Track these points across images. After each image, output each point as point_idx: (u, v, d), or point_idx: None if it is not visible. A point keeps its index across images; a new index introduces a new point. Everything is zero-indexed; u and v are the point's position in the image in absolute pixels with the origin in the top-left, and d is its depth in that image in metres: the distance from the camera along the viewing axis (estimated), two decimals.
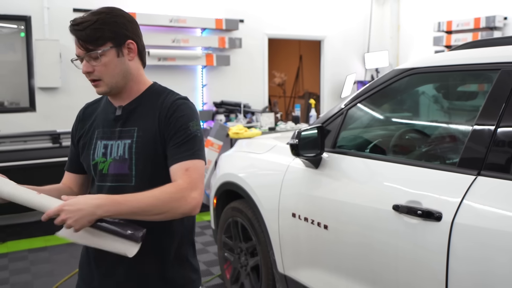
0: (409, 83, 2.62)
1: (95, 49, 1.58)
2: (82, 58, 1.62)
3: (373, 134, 2.91)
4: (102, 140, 1.70)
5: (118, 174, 1.65)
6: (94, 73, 1.61)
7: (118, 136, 1.67)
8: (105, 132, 1.70)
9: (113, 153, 1.67)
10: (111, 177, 1.66)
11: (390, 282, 2.16)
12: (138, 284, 1.69)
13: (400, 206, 2.07)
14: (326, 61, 8.27)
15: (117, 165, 1.66)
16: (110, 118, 1.71)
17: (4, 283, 4.02)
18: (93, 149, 1.70)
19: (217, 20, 6.92)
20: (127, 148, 1.65)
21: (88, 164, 1.71)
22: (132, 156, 1.64)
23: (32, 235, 5.25)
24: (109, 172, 1.66)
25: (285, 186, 2.80)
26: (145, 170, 1.64)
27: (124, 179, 1.65)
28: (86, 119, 1.79)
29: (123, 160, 1.65)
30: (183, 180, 1.56)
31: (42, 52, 5.84)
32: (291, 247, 2.79)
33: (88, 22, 1.58)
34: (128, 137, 1.66)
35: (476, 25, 6.96)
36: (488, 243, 1.77)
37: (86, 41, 1.57)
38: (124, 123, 1.68)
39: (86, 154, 1.72)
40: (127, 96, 1.70)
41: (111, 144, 1.68)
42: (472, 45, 2.42)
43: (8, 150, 5.05)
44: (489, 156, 1.89)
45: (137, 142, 1.65)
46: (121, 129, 1.68)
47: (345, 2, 8.25)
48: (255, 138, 3.86)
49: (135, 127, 1.67)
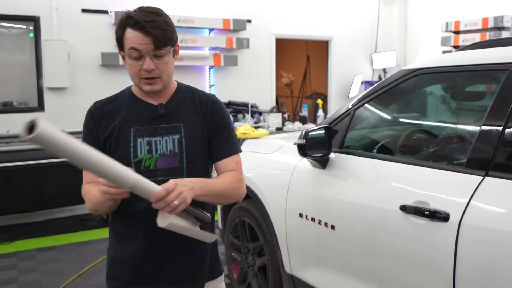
0: (417, 83, 2.62)
1: (163, 48, 1.66)
2: (142, 55, 1.66)
3: (381, 135, 2.91)
4: (144, 138, 1.75)
5: (169, 168, 1.75)
6: (155, 71, 1.68)
7: (164, 133, 1.76)
8: (146, 129, 1.75)
9: (160, 149, 1.74)
10: (162, 172, 1.74)
11: (397, 282, 2.16)
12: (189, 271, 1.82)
13: (407, 207, 2.06)
14: (333, 61, 8.27)
15: (168, 159, 1.75)
16: (151, 115, 1.77)
17: (13, 282, 4.05)
18: (133, 147, 1.74)
19: (224, 20, 6.93)
20: (177, 142, 1.76)
21: (126, 162, 1.70)
22: (182, 150, 1.76)
23: (40, 234, 5.28)
24: (157, 167, 1.74)
25: (292, 186, 2.80)
26: (194, 162, 1.77)
27: (176, 173, 1.74)
28: (107, 118, 1.78)
29: (174, 154, 1.75)
30: (238, 171, 1.81)
31: (51, 52, 5.87)
32: (298, 247, 2.79)
33: (156, 22, 1.64)
34: (175, 132, 1.76)
35: (484, 25, 6.93)
36: (496, 244, 1.76)
37: (159, 40, 1.64)
38: (169, 120, 1.77)
39: (124, 153, 1.74)
40: (164, 94, 1.80)
41: (155, 141, 1.75)
42: (480, 45, 2.41)
43: (16, 150, 5.08)
44: (497, 157, 1.89)
45: (186, 136, 1.77)
46: (166, 126, 1.76)
47: (352, 2, 8.24)
48: (263, 138, 3.87)
49: (180, 123, 1.78)
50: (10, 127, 5.53)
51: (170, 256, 1.78)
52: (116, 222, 1.82)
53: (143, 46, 1.64)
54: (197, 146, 1.79)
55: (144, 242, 1.76)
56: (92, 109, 1.82)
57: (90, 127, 1.80)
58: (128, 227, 1.78)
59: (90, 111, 1.82)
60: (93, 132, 1.79)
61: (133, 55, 1.66)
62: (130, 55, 1.67)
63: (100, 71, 6.20)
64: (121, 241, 1.81)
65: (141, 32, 1.63)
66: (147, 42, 1.63)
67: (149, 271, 1.78)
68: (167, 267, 1.78)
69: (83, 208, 6.00)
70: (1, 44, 5.93)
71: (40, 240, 5.11)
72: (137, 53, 1.65)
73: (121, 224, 1.80)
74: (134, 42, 1.64)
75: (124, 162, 1.70)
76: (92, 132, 1.79)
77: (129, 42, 1.65)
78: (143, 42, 1.63)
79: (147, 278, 1.79)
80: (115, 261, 1.82)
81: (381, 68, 8.36)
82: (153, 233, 1.72)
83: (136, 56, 1.66)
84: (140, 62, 1.67)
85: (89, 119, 1.81)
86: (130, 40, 1.65)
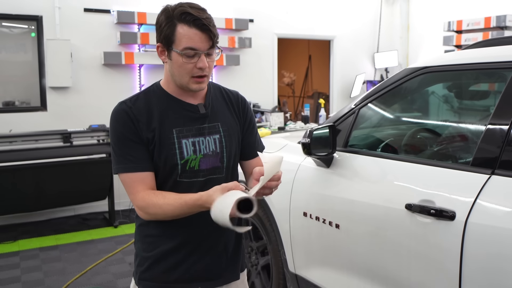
0: (421, 82, 2.61)
1: (215, 46, 1.67)
2: (197, 53, 1.63)
3: (385, 133, 2.90)
4: (188, 138, 1.73)
5: (211, 168, 1.77)
6: (206, 69, 1.67)
7: (207, 132, 1.76)
8: (189, 130, 1.74)
9: (203, 149, 1.75)
10: (204, 172, 1.75)
11: (402, 281, 2.15)
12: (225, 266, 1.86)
13: (412, 205, 2.06)
14: (335, 61, 8.25)
15: (210, 159, 1.76)
16: (193, 116, 1.76)
17: (16, 281, 4.05)
18: (178, 148, 1.71)
19: (226, 19, 6.92)
20: (218, 142, 1.77)
21: (172, 163, 1.70)
22: (223, 149, 1.78)
23: (43, 233, 5.29)
24: (200, 168, 1.74)
25: (296, 185, 2.79)
26: (230, 160, 1.81)
27: (216, 172, 1.78)
28: (141, 119, 1.69)
29: (216, 154, 1.77)
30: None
31: (53, 52, 5.87)
32: (302, 246, 2.78)
33: (210, 18, 1.65)
34: (215, 132, 1.78)
35: (487, 24, 6.91)
36: (502, 243, 1.76)
37: (216, 37, 1.65)
38: (209, 120, 1.78)
39: (170, 154, 1.70)
40: (199, 92, 1.79)
41: (198, 141, 1.75)
42: (485, 44, 2.41)
43: (19, 149, 5.09)
44: (503, 155, 1.88)
45: (225, 136, 1.79)
46: (208, 125, 1.77)
47: (354, 2, 8.22)
48: (265, 138, 3.87)
49: (218, 122, 1.79)
50: (12, 127, 5.53)
51: (208, 253, 1.80)
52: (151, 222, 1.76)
53: (200, 45, 1.61)
54: (234, 145, 1.82)
55: (184, 240, 1.76)
56: (127, 109, 1.70)
57: (130, 128, 1.68)
58: (167, 227, 1.75)
59: (125, 111, 1.70)
60: (135, 132, 1.69)
61: (188, 54, 1.63)
62: (186, 53, 1.63)
63: (102, 71, 6.19)
64: (159, 241, 1.78)
65: (199, 29, 1.60)
66: (204, 40, 1.62)
67: (187, 268, 1.78)
68: (205, 263, 1.80)
69: (85, 208, 6.02)
70: (3, 44, 5.93)
71: (43, 239, 5.11)
72: (193, 51, 1.62)
73: (159, 224, 1.75)
74: (192, 41, 1.61)
75: (170, 163, 1.70)
76: (133, 132, 1.69)
77: (186, 40, 1.61)
78: (201, 40, 1.61)
79: (186, 276, 1.78)
80: (152, 261, 1.79)
81: (383, 67, 8.35)
82: (192, 231, 1.73)
83: (191, 55, 1.63)
84: (193, 60, 1.64)
85: (126, 120, 1.69)
86: (187, 38, 1.61)
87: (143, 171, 1.69)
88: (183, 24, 1.61)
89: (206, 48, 1.63)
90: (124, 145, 1.69)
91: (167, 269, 1.78)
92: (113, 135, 1.71)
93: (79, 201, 5.73)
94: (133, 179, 1.69)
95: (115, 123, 1.71)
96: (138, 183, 1.68)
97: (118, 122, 1.70)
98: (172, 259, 1.77)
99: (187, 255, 1.78)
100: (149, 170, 1.70)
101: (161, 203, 1.64)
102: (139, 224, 1.83)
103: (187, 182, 1.74)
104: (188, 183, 1.73)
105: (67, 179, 5.27)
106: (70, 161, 5.26)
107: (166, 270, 1.78)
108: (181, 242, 1.77)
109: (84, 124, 5.78)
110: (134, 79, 6.42)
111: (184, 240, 1.77)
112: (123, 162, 1.69)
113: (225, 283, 1.87)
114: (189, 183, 1.74)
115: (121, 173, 1.71)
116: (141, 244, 1.83)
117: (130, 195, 1.70)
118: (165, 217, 1.68)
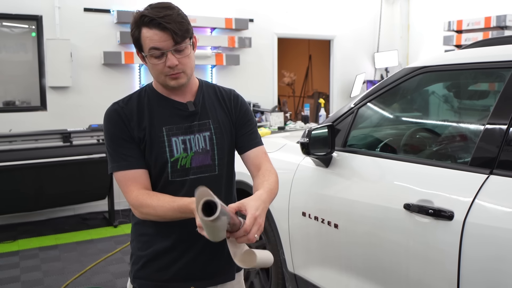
0: (420, 82, 2.61)
1: (182, 42, 1.64)
2: (164, 52, 1.63)
3: (384, 133, 2.90)
4: (178, 136, 1.73)
5: (201, 165, 1.76)
6: (178, 66, 1.66)
7: (197, 130, 1.76)
8: (179, 128, 1.74)
9: (194, 147, 1.75)
10: (194, 170, 1.75)
11: (401, 281, 2.15)
12: (220, 266, 1.84)
13: (411, 205, 2.06)
14: (335, 61, 8.25)
15: (200, 157, 1.76)
16: (182, 114, 1.76)
17: (15, 281, 4.06)
18: (168, 146, 1.72)
19: (226, 19, 6.92)
20: (208, 139, 1.77)
21: (162, 161, 1.71)
22: (213, 146, 1.77)
23: (42, 233, 5.29)
24: (192, 166, 1.74)
25: (295, 185, 2.79)
26: (224, 158, 1.80)
27: (208, 170, 1.77)
28: (133, 119, 1.72)
29: (206, 151, 1.77)
30: (270, 164, 1.83)
31: (53, 51, 5.87)
32: (301, 246, 2.78)
33: (170, 15, 1.61)
34: (205, 129, 1.77)
35: (487, 24, 6.91)
36: (501, 243, 1.75)
37: (177, 33, 1.61)
38: (199, 117, 1.77)
39: (160, 153, 1.71)
40: (189, 90, 1.80)
41: (189, 139, 1.75)
42: (484, 44, 2.41)
43: (19, 148, 5.09)
44: (501, 155, 1.88)
45: (216, 133, 1.78)
46: (198, 123, 1.77)
47: (354, 2, 8.22)
48: (265, 137, 3.86)
49: (208, 120, 1.79)
50: (12, 126, 5.54)
51: (203, 253, 1.79)
52: (146, 220, 1.75)
53: (163, 44, 1.61)
54: (226, 142, 1.81)
55: (178, 239, 1.76)
56: (118, 110, 1.73)
57: (121, 128, 1.71)
58: (162, 226, 1.74)
59: (116, 111, 1.72)
60: (126, 132, 1.71)
61: (154, 55, 1.64)
62: (152, 54, 1.64)
63: (102, 70, 6.19)
64: (153, 240, 1.78)
65: (158, 29, 1.60)
66: (165, 38, 1.61)
67: (181, 268, 1.78)
68: (200, 263, 1.79)
69: (85, 207, 6.02)
70: (3, 44, 5.93)
71: (42, 239, 5.11)
72: (159, 51, 1.63)
73: (154, 223, 1.75)
74: (154, 41, 1.61)
75: (160, 162, 1.70)
76: (124, 131, 1.71)
77: (148, 41, 1.62)
78: (162, 39, 1.61)
79: (179, 276, 1.79)
80: (147, 260, 1.79)
81: (383, 67, 8.35)
82: (187, 231, 1.71)
83: (157, 55, 1.64)
84: (162, 60, 1.64)
85: (117, 120, 1.71)
86: (149, 40, 1.62)
87: (136, 169, 1.71)
88: (144, 26, 1.63)
89: (170, 46, 1.62)
90: (116, 145, 1.71)
91: (161, 268, 1.78)
92: (106, 136, 1.75)
93: (79, 201, 5.73)
94: (127, 177, 1.70)
95: (107, 123, 1.74)
96: (132, 181, 1.70)
97: (110, 122, 1.73)
98: (166, 258, 1.77)
99: (181, 254, 1.78)
100: (142, 168, 1.72)
101: (155, 205, 1.64)
102: (134, 223, 1.85)
103: (179, 181, 1.74)
104: (180, 182, 1.74)
105: (67, 179, 5.27)
106: (70, 160, 5.26)
107: (160, 269, 1.78)
108: (175, 241, 1.77)
109: (84, 124, 5.79)
110: (134, 79, 6.42)
111: (179, 239, 1.77)
112: (116, 160, 1.72)
113: (219, 283, 1.86)
114: (181, 182, 1.74)
115: (115, 172, 1.73)
116: (136, 243, 1.84)
117: (124, 193, 1.72)
118: (158, 219, 1.68)
